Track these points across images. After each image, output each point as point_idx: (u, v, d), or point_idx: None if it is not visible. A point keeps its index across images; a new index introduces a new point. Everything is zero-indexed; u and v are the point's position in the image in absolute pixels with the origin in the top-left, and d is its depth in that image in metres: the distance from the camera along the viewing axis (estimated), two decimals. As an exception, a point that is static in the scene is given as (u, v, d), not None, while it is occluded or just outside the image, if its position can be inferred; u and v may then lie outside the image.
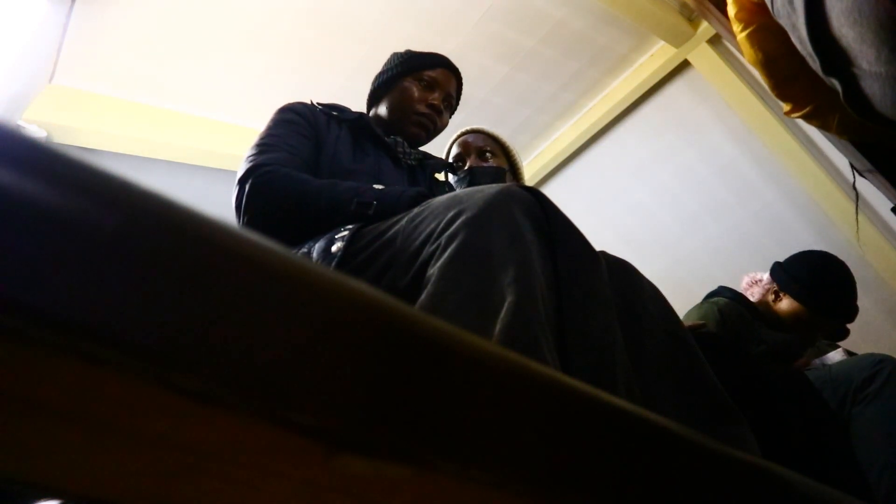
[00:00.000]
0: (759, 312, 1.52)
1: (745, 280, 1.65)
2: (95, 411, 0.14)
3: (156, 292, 0.13)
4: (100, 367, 0.12)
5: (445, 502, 0.18)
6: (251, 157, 0.87)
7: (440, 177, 1.19)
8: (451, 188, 1.16)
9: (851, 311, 1.47)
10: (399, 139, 1.07)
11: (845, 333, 1.56)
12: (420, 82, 1.09)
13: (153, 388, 0.13)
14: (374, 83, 1.15)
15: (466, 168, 1.18)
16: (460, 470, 0.17)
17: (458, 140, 1.24)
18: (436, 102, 1.08)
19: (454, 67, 1.15)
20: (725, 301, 1.48)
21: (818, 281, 1.46)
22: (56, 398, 0.13)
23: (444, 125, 1.14)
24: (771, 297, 1.54)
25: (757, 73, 1.03)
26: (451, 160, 1.23)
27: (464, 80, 1.20)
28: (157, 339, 0.13)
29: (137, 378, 0.13)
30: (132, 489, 0.16)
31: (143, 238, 0.13)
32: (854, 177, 1.37)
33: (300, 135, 0.95)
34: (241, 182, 0.84)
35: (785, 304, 1.50)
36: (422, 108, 1.07)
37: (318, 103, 1.07)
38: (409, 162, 1.07)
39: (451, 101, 1.14)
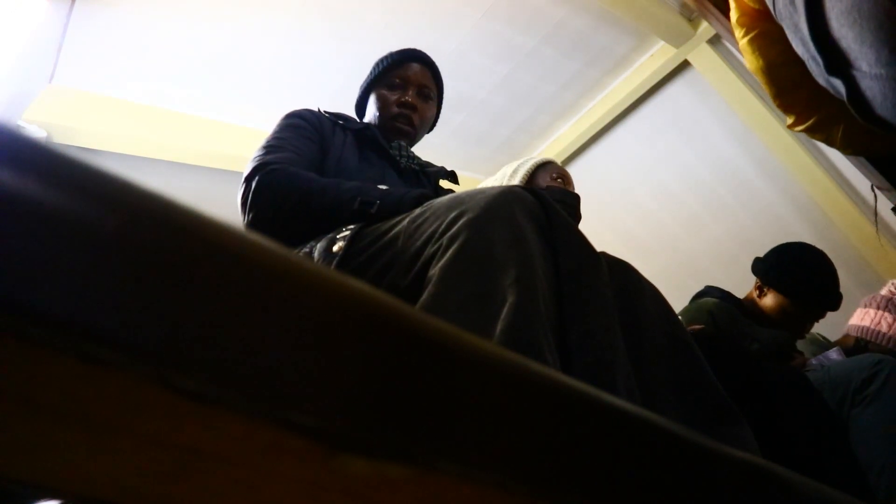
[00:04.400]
0: (748, 310, 1.52)
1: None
2: (95, 411, 0.14)
3: (156, 292, 0.13)
4: (100, 367, 0.12)
5: (445, 502, 0.18)
6: (257, 157, 0.88)
7: (444, 184, 1.20)
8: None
9: (835, 298, 1.47)
10: (402, 143, 1.09)
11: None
12: (390, 87, 1.12)
13: (153, 388, 0.13)
14: (357, 97, 1.18)
15: (571, 192, 1.20)
16: (460, 470, 0.17)
17: (559, 166, 1.27)
18: (408, 99, 1.10)
19: (423, 57, 1.16)
20: (715, 301, 1.48)
21: (799, 271, 1.46)
22: (56, 398, 0.13)
23: (429, 115, 1.16)
24: (756, 294, 1.54)
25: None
26: (547, 175, 1.22)
27: (464, 80, 1.21)
28: (157, 339, 0.13)
29: (137, 378, 0.13)
30: (132, 489, 0.16)
31: (143, 238, 0.13)
32: (876, 200, 1.37)
33: (306, 138, 0.97)
34: (248, 179, 0.85)
35: (769, 298, 1.50)
36: (395, 110, 1.10)
37: (324, 111, 1.09)
38: (412, 166, 1.08)
39: (427, 90, 1.15)
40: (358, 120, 1.15)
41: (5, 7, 1.61)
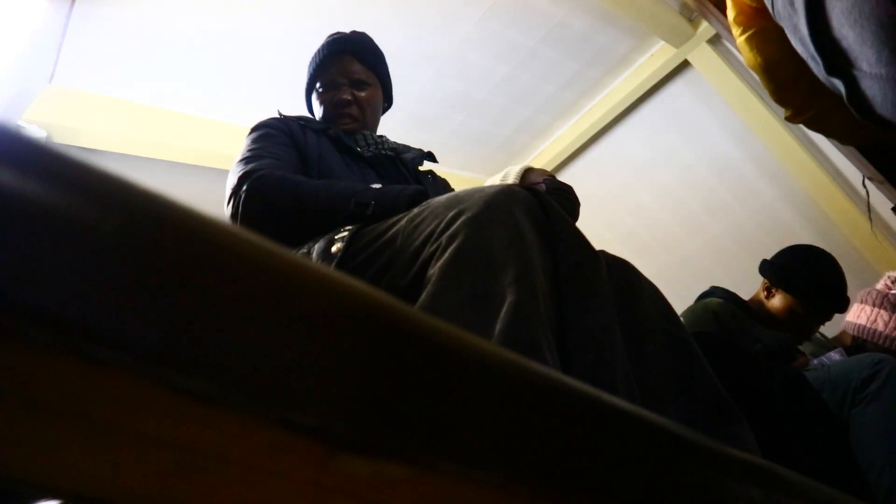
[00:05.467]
0: (752, 311, 1.52)
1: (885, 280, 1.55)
2: (95, 411, 0.14)
3: (156, 292, 0.13)
4: (100, 367, 0.12)
5: (445, 502, 0.18)
6: (238, 170, 0.86)
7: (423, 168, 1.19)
8: (436, 179, 1.16)
9: (844, 300, 1.47)
10: (365, 133, 1.08)
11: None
12: (323, 88, 1.10)
13: (153, 388, 0.13)
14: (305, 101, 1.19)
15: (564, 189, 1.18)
16: (460, 470, 0.17)
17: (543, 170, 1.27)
18: (342, 97, 1.08)
19: (344, 47, 1.12)
20: (718, 301, 1.48)
21: (809, 272, 1.46)
22: (56, 398, 0.13)
23: (373, 100, 1.13)
24: (763, 295, 1.54)
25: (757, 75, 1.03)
26: (536, 175, 1.22)
27: (464, 80, 1.19)
28: (157, 339, 0.13)
29: (137, 378, 0.13)
30: (132, 489, 0.16)
31: (143, 238, 0.13)
32: (868, 194, 1.37)
33: (282, 144, 0.96)
34: (235, 191, 0.83)
35: (777, 299, 1.50)
36: (332, 112, 1.09)
37: (288, 115, 1.08)
38: (383, 152, 1.07)
39: (358, 78, 1.11)
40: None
41: (5, 7, 1.61)
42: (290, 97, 2.31)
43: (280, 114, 1.08)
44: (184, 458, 0.15)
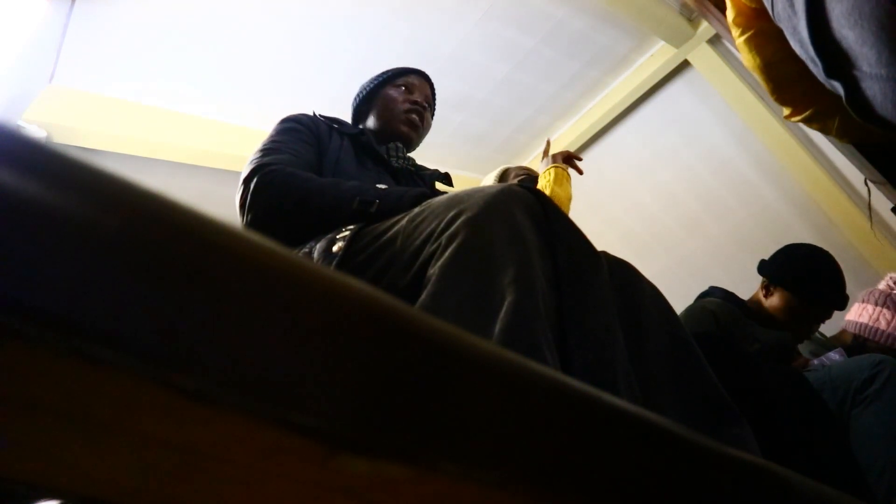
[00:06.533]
0: (751, 311, 1.52)
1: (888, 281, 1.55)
2: (95, 411, 0.14)
3: (156, 292, 0.13)
4: (100, 367, 0.12)
5: (445, 502, 0.18)
6: (255, 160, 0.89)
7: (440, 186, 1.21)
8: None
9: (843, 298, 1.47)
10: (398, 144, 1.11)
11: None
12: (399, 88, 1.18)
13: (153, 388, 0.13)
14: (354, 102, 1.24)
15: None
16: (460, 470, 0.17)
17: (520, 166, 1.35)
18: (418, 100, 1.17)
19: (426, 75, 1.26)
20: (717, 301, 1.48)
21: (808, 270, 1.46)
22: (56, 398, 0.13)
23: (429, 125, 1.23)
24: (762, 294, 1.54)
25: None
26: (511, 174, 1.29)
27: (464, 80, 1.25)
28: (157, 339, 0.13)
29: (137, 378, 0.13)
30: (132, 489, 0.16)
31: (143, 238, 0.13)
32: (869, 194, 1.37)
33: (303, 142, 0.98)
34: (246, 181, 0.86)
35: (776, 298, 1.50)
36: (406, 106, 1.15)
37: (319, 115, 1.11)
38: (407, 167, 1.10)
39: (429, 102, 1.23)
40: (353, 125, 1.18)
41: (5, 7, 1.61)
42: (291, 97, 2.32)
43: (315, 113, 1.11)
44: (184, 458, 0.15)
